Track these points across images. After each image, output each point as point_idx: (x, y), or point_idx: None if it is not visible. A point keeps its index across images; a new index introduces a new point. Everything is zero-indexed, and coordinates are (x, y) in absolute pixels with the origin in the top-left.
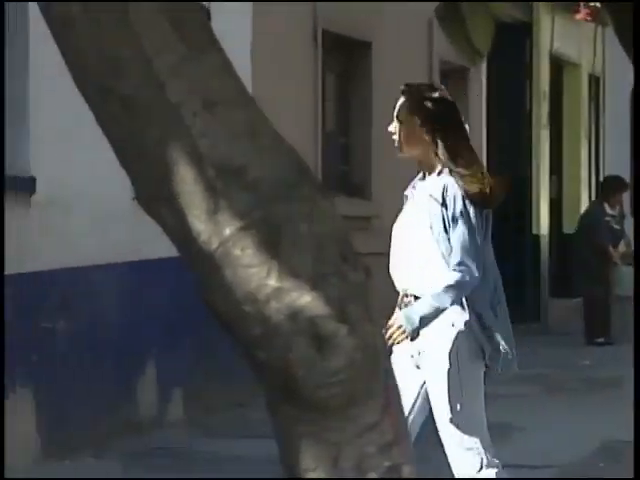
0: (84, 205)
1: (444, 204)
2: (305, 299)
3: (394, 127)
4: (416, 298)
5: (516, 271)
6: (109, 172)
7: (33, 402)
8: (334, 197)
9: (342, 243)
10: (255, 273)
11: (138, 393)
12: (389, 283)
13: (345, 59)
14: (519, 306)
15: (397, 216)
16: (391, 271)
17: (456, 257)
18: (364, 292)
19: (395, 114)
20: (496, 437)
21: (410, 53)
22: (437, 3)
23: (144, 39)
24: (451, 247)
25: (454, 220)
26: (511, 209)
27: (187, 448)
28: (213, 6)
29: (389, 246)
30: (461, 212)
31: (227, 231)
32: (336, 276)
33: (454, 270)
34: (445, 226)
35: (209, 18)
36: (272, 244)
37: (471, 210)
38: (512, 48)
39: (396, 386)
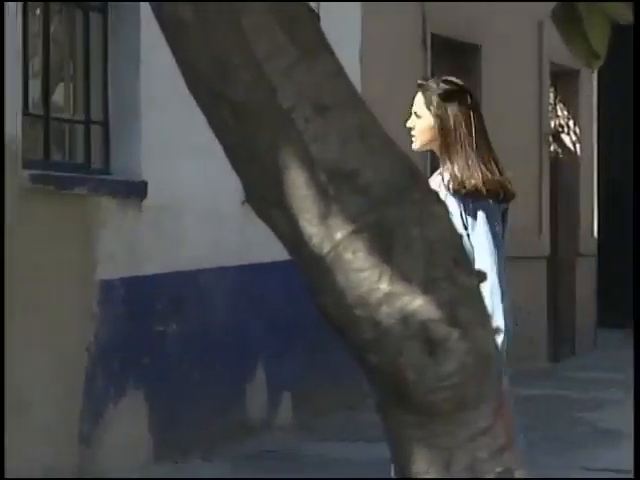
0: (195, 209)
1: (462, 198)
2: (416, 303)
3: (412, 122)
4: None
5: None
6: (219, 175)
7: (145, 404)
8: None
9: (454, 247)
10: (366, 277)
11: (248, 396)
12: None
13: (454, 62)
14: None
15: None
16: None
17: (479, 258)
18: (476, 296)
19: (413, 109)
20: (606, 443)
21: (519, 55)
22: (548, 4)
23: (255, 43)
24: (471, 244)
25: (474, 215)
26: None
27: (296, 451)
28: (322, 9)
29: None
30: (480, 206)
31: (338, 235)
32: (447, 280)
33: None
34: (463, 221)
35: (319, 20)
36: (383, 248)
37: (490, 203)
38: (624, 49)
39: (507, 390)
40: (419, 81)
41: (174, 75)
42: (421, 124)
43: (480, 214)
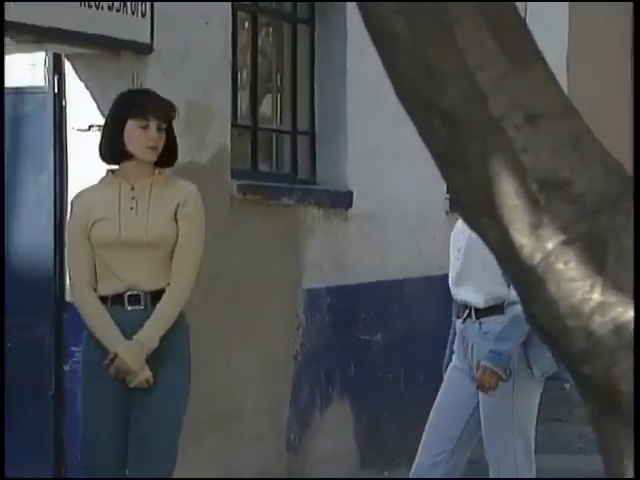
0: (400, 218)
1: None
2: (630, 314)
3: None
4: (477, 311)
5: None
6: (424, 184)
7: (351, 412)
8: None
9: None
10: (579, 287)
11: None
12: None
13: None
14: None
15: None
16: (451, 283)
17: None
18: None
19: None
20: None
21: None
22: None
23: (467, 54)
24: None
25: None
26: None
27: None
28: (529, 11)
29: None
30: None
31: (550, 245)
32: None
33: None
34: None
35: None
36: (596, 258)
37: None
38: None
39: None
40: None
41: (380, 85)
42: None
43: None
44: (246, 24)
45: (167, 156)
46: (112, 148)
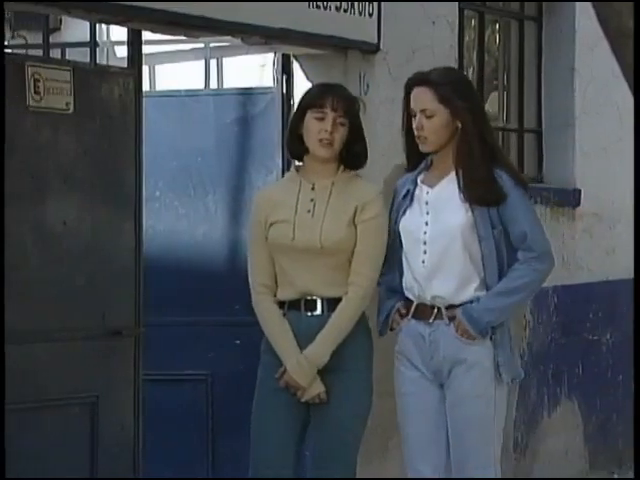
0: (629, 217)
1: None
2: None
3: (419, 122)
4: (448, 308)
5: None
6: None
7: (579, 414)
8: None
9: None
10: None
11: None
12: None
13: None
14: None
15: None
16: (420, 278)
17: (532, 239)
18: None
19: (418, 107)
20: None
21: None
22: None
23: None
24: (499, 244)
25: (501, 215)
26: None
27: None
28: None
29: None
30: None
31: None
32: None
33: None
34: (492, 222)
35: None
36: None
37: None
38: None
39: None
40: (420, 74)
41: (608, 83)
42: (434, 123)
43: (524, 199)
44: (472, 22)
45: (352, 155)
46: (293, 141)
